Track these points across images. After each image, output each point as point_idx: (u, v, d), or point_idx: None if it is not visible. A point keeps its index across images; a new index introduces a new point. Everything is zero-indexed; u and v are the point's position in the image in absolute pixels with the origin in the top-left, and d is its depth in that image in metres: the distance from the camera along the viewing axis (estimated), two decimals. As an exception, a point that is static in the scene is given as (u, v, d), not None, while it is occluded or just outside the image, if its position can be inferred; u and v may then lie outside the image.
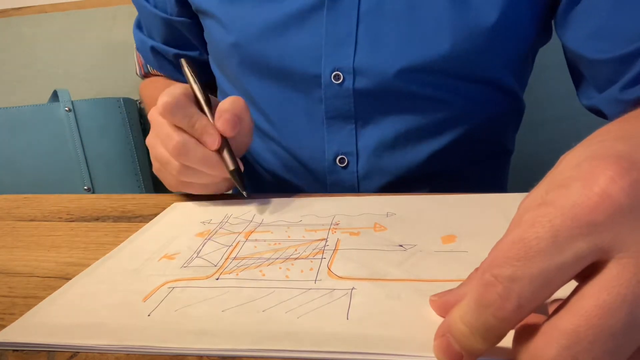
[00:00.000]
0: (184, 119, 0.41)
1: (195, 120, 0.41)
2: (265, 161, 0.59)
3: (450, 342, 0.20)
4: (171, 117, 0.41)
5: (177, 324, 0.27)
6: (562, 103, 0.90)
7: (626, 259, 0.17)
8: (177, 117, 0.41)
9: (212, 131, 0.42)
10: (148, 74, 0.72)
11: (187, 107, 0.42)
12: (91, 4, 1.11)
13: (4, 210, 0.49)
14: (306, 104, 0.53)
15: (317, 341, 0.24)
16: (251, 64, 0.54)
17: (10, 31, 1.15)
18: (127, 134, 1.01)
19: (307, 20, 0.50)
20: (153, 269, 0.34)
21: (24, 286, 0.33)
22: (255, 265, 0.33)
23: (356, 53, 0.49)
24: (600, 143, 0.21)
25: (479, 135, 0.54)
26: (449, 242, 0.34)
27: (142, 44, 0.68)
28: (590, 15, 0.43)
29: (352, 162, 0.54)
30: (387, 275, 0.30)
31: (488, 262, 0.19)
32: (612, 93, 0.43)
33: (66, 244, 0.40)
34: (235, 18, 0.53)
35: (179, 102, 0.41)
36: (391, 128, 0.52)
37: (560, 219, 0.18)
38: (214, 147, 0.42)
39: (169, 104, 0.41)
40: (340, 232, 0.37)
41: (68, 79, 1.16)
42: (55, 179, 0.97)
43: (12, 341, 0.26)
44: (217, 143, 0.41)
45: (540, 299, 0.18)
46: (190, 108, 0.42)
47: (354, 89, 0.50)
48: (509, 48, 0.50)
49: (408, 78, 0.48)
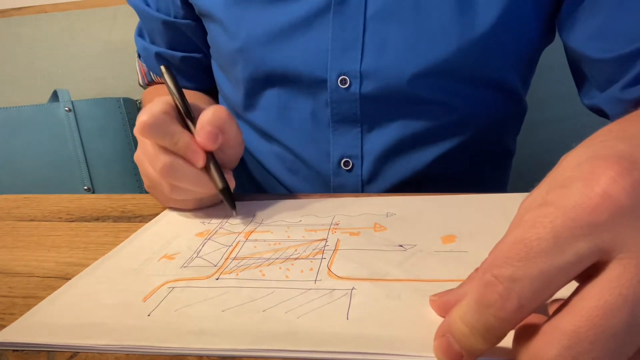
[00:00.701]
0: (166, 138, 0.39)
1: (177, 138, 0.39)
2: (269, 163, 0.59)
3: (450, 342, 0.20)
4: (151, 138, 0.39)
5: (177, 324, 0.27)
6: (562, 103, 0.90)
7: (627, 259, 0.17)
8: (158, 137, 0.39)
9: (196, 148, 0.40)
10: (151, 83, 0.71)
11: (167, 126, 0.39)
12: (91, 4, 1.11)
13: (4, 210, 0.49)
14: (312, 108, 0.53)
15: (317, 341, 0.24)
16: (256, 68, 0.53)
17: (10, 31, 1.15)
18: (127, 134, 1.01)
19: (313, 25, 0.50)
20: (153, 268, 0.33)
21: (23, 286, 0.33)
22: (255, 265, 0.33)
23: (363, 57, 0.49)
24: (601, 143, 0.21)
25: (482, 137, 0.54)
26: (449, 242, 0.34)
27: (145, 51, 0.67)
28: (591, 15, 0.44)
29: (356, 165, 0.54)
30: (387, 275, 0.30)
31: (488, 262, 0.19)
32: (613, 92, 0.43)
33: (66, 244, 0.40)
34: (240, 23, 0.52)
35: (158, 120, 0.39)
36: (396, 132, 0.52)
37: (561, 219, 0.18)
38: (200, 165, 0.40)
39: (147, 125, 0.38)
40: (340, 232, 0.37)
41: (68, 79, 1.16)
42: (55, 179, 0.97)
43: (12, 341, 0.26)
44: (202, 160, 0.40)
45: (541, 299, 0.18)
46: (171, 125, 0.40)
47: (360, 94, 0.50)
48: (514, 50, 0.50)
49: (415, 82, 0.48)
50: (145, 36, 0.67)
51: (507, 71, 0.51)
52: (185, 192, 0.41)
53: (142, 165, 0.43)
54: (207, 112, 0.41)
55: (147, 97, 0.70)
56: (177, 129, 0.40)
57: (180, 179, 0.40)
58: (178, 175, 0.40)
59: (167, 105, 0.41)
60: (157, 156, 0.39)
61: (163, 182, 0.40)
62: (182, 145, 0.39)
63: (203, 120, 0.41)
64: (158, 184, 0.41)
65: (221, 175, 0.41)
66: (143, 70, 0.70)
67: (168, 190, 0.41)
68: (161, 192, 0.42)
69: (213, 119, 0.41)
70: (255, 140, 0.59)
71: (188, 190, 0.41)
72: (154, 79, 0.70)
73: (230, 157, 0.44)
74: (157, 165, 0.39)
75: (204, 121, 0.40)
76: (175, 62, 0.65)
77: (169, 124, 0.40)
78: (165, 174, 0.39)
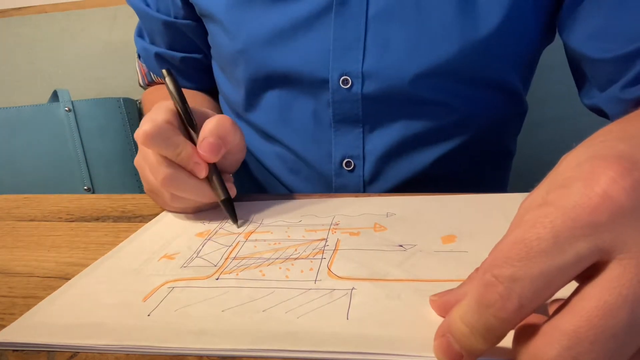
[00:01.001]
0: (168, 149, 0.39)
1: (180, 150, 0.39)
2: (270, 164, 0.59)
3: (451, 342, 0.20)
4: (153, 148, 0.39)
5: (177, 324, 0.27)
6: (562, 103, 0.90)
7: (627, 259, 0.17)
8: (160, 147, 0.39)
9: (198, 160, 0.40)
10: (152, 83, 0.71)
11: (169, 136, 0.39)
12: (91, 4, 1.11)
13: (4, 210, 0.49)
14: (313, 108, 0.53)
15: (316, 341, 0.24)
16: (257, 69, 0.53)
17: (10, 31, 1.15)
18: (127, 134, 1.01)
19: (315, 25, 0.50)
20: (153, 268, 0.33)
21: (23, 286, 0.33)
22: (255, 265, 0.33)
23: (365, 58, 0.49)
24: (602, 143, 0.21)
25: (483, 138, 0.54)
26: (449, 242, 0.34)
27: (145, 51, 0.67)
28: (591, 15, 0.44)
29: (358, 165, 0.54)
30: (387, 275, 0.30)
31: (489, 262, 0.19)
32: (613, 92, 0.43)
33: (66, 244, 0.40)
34: (241, 24, 0.52)
35: (161, 130, 0.39)
36: (398, 132, 0.52)
37: (561, 219, 0.18)
38: (202, 176, 0.40)
39: (149, 135, 0.38)
40: (340, 232, 0.37)
41: (68, 79, 1.16)
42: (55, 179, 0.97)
43: (12, 341, 0.26)
44: (204, 171, 0.40)
45: (541, 299, 0.18)
46: (174, 136, 0.39)
47: (362, 94, 0.50)
48: (515, 50, 0.50)
49: (417, 83, 0.48)
50: (145, 36, 0.67)
51: (508, 72, 0.51)
52: (186, 201, 0.41)
53: (143, 171, 0.43)
54: (210, 121, 0.41)
55: (148, 97, 0.69)
56: (180, 140, 0.39)
57: (182, 190, 0.40)
58: (180, 186, 0.40)
59: (170, 114, 0.41)
60: (158, 167, 0.39)
61: (164, 191, 0.40)
62: (184, 157, 0.39)
63: (206, 131, 0.40)
64: (159, 191, 0.41)
65: (223, 186, 0.41)
66: (143, 70, 0.70)
67: (169, 199, 0.41)
68: (162, 199, 0.42)
69: (216, 128, 0.40)
70: (256, 140, 0.59)
71: (189, 200, 0.41)
72: (154, 80, 0.70)
73: (232, 163, 0.44)
74: (159, 176, 0.39)
75: (207, 131, 0.40)
76: (175, 62, 0.65)
77: (171, 134, 0.39)
78: (166, 184, 0.39)
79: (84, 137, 0.97)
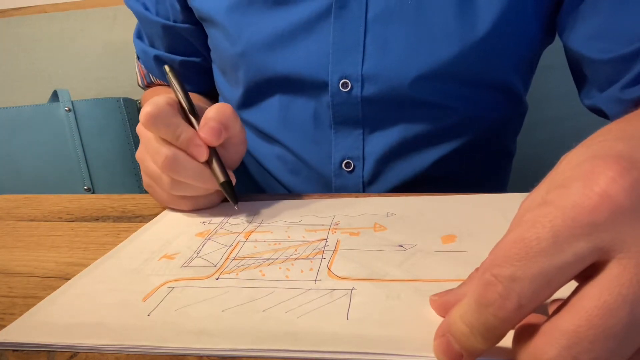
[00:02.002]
0: (169, 130, 0.39)
1: (180, 131, 0.39)
2: (270, 165, 0.59)
3: (450, 342, 0.20)
4: (155, 129, 0.39)
5: (177, 324, 0.27)
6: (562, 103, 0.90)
7: (627, 259, 0.17)
8: (161, 128, 0.39)
9: (199, 142, 0.40)
10: (151, 84, 0.71)
11: (171, 117, 0.39)
12: (91, 4, 1.11)
13: (4, 210, 0.49)
14: (313, 110, 0.53)
15: (316, 341, 0.24)
16: (257, 72, 0.53)
17: (10, 31, 1.15)
18: (127, 134, 1.01)
19: (314, 29, 0.50)
20: (153, 268, 0.33)
21: (23, 286, 0.33)
22: (255, 265, 0.33)
23: (364, 60, 0.49)
24: (601, 143, 0.21)
25: (483, 139, 0.54)
26: (449, 242, 0.34)
27: (144, 54, 0.67)
28: (591, 15, 0.44)
29: (358, 166, 0.54)
30: (387, 275, 0.30)
31: (488, 262, 0.19)
32: (612, 92, 0.43)
33: (66, 244, 0.40)
34: (242, 28, 0.52)
35: (162, 112, 0.39)
36: (398, 134, 0.52)
37: (561, 219, 0.18)
38: (202, 159, 0.40)
39: (150, 115, 0.38)
40: (340, 233, 0.37)
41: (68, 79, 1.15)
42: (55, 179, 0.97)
43: (12, 341, 0.26)
44: (205, 154, 0.40)
45: (540, 299, 0.18)
46: (174, 118, 0.40)
47: (362, 97, 0.50)
48: (515, 51, 0.50)
49: (417, 85, 0.48)
50: (144, 39, 0.67)
51: (508, 73, 0.51)
52: (185, 187, 0.41)
53: (144, 162, 0.43)
54: (212, 108, 0.41)
55: (147, 98, 0.69)
56: (181, 122, 0.40)
57: (182, 173, 0.40)
58: (180, 169, 0.39)
59: (171, 100, 0.41)
60: (159, 149, 0.39)
61: (164, 176, 0.40)
62: (185, 139, 0.39)
63: (207, 116, 0.41)
64: (158, 179, 0.41)
65: (223, 169, 0.41)
66: (142, 71, 0.70)
67: (168, 186, 0.41)
68: (161, 189, 0.42)
69: (217, 115, 0.41)
70: (256, 141, 0.59)
71: (188, 186, 0.41)
72: (154, 81, 0.70)
73: (233, 156, 0.44)
74: (159, 159, 0.39)
75: (208, 117, 0.41)
76: (175, 65, 0.65)
77: (172, 115, 0.40)
78: (166, 167, 0.39)
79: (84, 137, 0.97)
